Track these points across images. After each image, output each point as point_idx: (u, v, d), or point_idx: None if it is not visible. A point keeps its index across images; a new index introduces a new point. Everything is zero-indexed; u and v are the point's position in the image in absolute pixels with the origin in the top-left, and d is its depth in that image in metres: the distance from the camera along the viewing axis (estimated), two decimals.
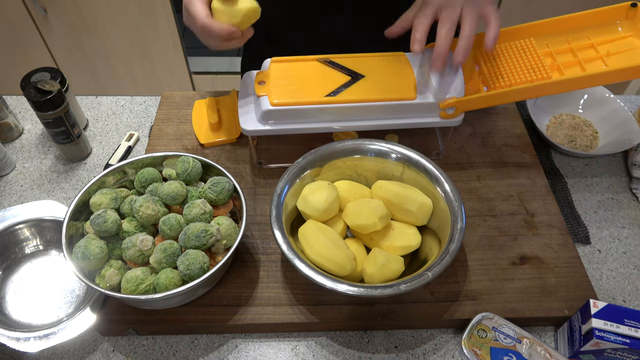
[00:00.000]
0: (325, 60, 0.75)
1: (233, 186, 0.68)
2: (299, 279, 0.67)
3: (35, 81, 0.78)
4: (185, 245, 0.61)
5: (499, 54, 0.74)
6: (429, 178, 0.68)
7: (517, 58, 0.73)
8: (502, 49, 0.75)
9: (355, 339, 0.65)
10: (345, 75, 0.73)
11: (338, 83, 0.72)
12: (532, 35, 0.75)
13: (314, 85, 0.72)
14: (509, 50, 0.75)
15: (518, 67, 0.72)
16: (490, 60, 0.75)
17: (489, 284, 0.67)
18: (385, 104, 0.71)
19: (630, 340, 0.56)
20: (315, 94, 0.70)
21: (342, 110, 0.71)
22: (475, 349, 0.59)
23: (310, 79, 0.73)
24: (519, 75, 0.71)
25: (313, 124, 0.72)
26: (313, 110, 0.70)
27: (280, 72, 0.73)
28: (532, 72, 0.71)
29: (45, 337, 0.61)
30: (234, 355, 0.64)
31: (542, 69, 0.71)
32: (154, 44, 1.78)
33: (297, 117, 0.71)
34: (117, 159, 0.85)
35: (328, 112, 0.71)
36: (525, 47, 0.74)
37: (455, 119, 0.72)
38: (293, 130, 0.72)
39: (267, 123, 0.71)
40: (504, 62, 0.74)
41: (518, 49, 0.74)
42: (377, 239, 0.66)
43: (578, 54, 0.73)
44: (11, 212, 0.72)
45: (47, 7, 1.67)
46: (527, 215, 0.75)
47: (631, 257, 0.73)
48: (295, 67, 0.74)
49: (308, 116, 0.71)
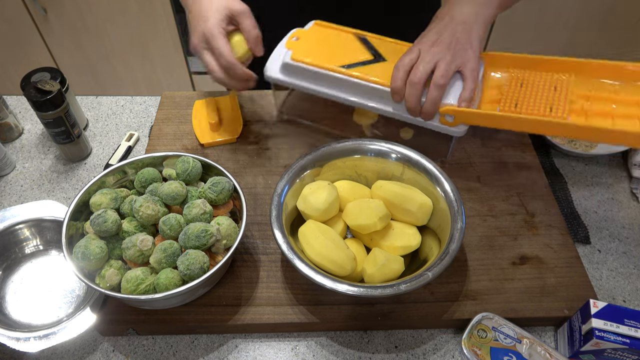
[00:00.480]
0: (361, 37, 0.78)
1: (233, 186, 0.68)
2: (299, 279, 0.67)
3: (35, 81, 0.78)
4: (185, 245, 0.61)
5: (530, 81, 0.71)
6: (429, 178, 0.68)
7: (544, 90, 0.70)
8: (534, 77, 0.72)
9: (355, 339, 0.65)
10: (370, 54, 0.75)
11: (358, 59, 0.74)
12: (575, 72, 0.70)
13: (336, 54, 0.75)
14: (541, 80, 0.71)
15: (538, 99, 0.68)
16: (517, 84, 0.72)
17: (489, 284, 0.67)
18: (389, 91, 0.71)
19: (630, 340, 0.56)
20: (333, 62, 0.74)
21: (348, 83, 0.73)
22: (475, 349, 0.59)
23: (337, 47, 0.77)
24: (534, 106, 0.68)
25: (321, 88, 0.75)
26: (323, 75, 0.74)
27: (314, 34, 0.79)
28: (549, 108, 0.67)
29: (45, 337, 0.61)
30: (234, 355, 0.64)
31: (562, 108, 0.66)
32: (154, 44, 1.78)
33: (309, 77, 0.75)
34: (117, 159, 0.85)
35: (335, 82, 0.74)
36: (560, 82, 0.70)
37: (454, 128, 0.70)
38: (303, 88, 0.76)
39: (284, 75, 0.77)
40: (529, 89, 0.70)
41: (550, 82, 0.70)
42: (377, 239, 0.66)
43: (618, 105, 0.67)
44: (11, 212, 0.72)
45: (47, 7, 1.67)
46: (527, 215, 0.75)
47: (631, 257, 0.73)
48: (330, 34, 0.79)
49: (318, 79, 0.75)
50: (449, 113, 0.69)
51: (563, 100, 0.68)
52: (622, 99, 0.67)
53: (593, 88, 0.69)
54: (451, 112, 0.68)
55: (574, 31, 1.75)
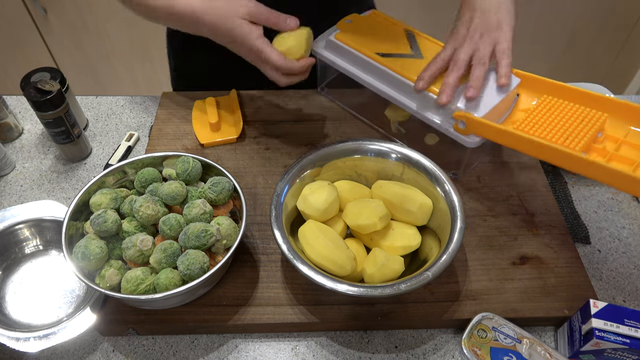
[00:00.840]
0: (409, 32, 0.81)
1: (233, 186, 0.68)
2: (299, 279, 0.67)
3: (35, 81, 0.78)
4: (185, 245, 0.61)
5: (560, 110, 0.69)
6: (429, 178, 0.68)
7: (570, 121, 0.66)
8: (565, 107, 0.69)
9: (355, 339, 0.65)
10: (409, 49, 0.77)
11: (396, 50, 0.77)
12: (610, 112, 0.67)
13: (378, 42, 0.78)
14: (571, 111, 0.68)
15: (559, 128, 0.65)
16: (546, 111, 0.69)
17: (489, 284, 0.67)
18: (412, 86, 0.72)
19: (630, 340, 0.56)
20: (370, 49, 0.77)
21: (377, 70, 0.76)
22: (475, 349, 0.59)
23: (381, 36, 0.79)
24: (551, 133, 0.65)
25: (353, 69, 0.79)
26: (357, 58, 0.77)
27: (367, 21, 0.82)
28: (566, 138, 0.64)
29: (45, 337, 0.61)
30: (234, 355, 0.64)
31: (580, 141, 0.63)
32: (154, 44, 1.78)
33: (345, 57, 0.79)
34: (117, 159, 0.85)
35: (367, 67, 0.77)
36: (590, 117, 0.67)
37: (466, 137, 0.69)
38: (338, 66, 0.80)
39: (326, 51, 0.81)
40: (555, 117, 0.67)
41: (581, 115, 0.67)
42: (377, 239, 0.66)
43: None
44: (11, 212, 0.72)
45: (47, 7, 1.67)
46: (527, 215, 0.75)
47: (631, 257, 0.73)
48: (381, 23, 0.82)
49: (352, 61, 0.79)
50: (461, 119, 0.68)
51: (584, 134, 0.64)
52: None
53: (629, 134, 0.65)
54: (463, 118, 0.68)
55: (574, 31, 1.75)
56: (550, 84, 0.72)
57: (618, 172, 0.58)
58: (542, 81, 0.72)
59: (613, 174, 0.59)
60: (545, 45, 1.80)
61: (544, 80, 0.72)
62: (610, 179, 0.59)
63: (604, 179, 0.60)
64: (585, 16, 1.70)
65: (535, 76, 0.73)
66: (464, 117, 0.68)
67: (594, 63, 1.87)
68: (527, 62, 1.86)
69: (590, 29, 1.74)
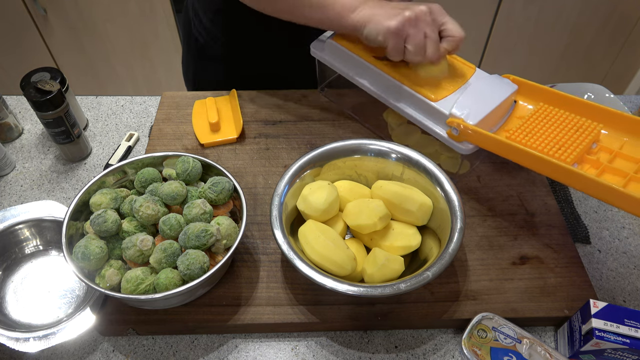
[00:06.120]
0: None
1: (233, 186, 0.68)
2: (299, 279, 0.67)
3: (35, 81, 0.78)
4: (185, 245, 0.61)
5: (555, 119, 0.68)
6: (429, 178, 0.68)
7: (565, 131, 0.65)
8: (561, 116, 0.68)
9: (355, 339, 0.65)
10: None
11: None
12: (605, 122, 0.66)
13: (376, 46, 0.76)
14: (566, 120, 0.67)
15: (552, 138, 0.65)
16: (542, 119, 0.68)
17: (489, 284, 0.67)
18: (408, 91, 0.72)
19: (630, 340, 0.56)
20: (367, 51, 0.77)
21: (373, 73, 0.76)
22: (475, 349, 0.59)
23: None
24: (544, 144, 0.64)
25: (351, 70, 0.79)
26: (354, 59, 0.77)
27: None
28: (558, 149, 0.63)
29: (45, 337, 0.61)
30: (234, 355, 0.64)
31: (571, 153, 0.62)
32: (154, 44, 1.78)
33: (341, 58, 0.80)
34: (117, 159, 0.85)
35: (363, 69, 0.77)
36: (585, 128, 0.65)
37: (459, 144, 0.69)
38: (334, 66, 0.81)
39: (324, 52, 0.82)
40: (550, 126, 0.67)
41: (576, 125, 0.66)
42: (377, 239, 0.66)
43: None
44: (11, 212, 0.72)
45: (47, 7, 1.67)
46: (527, 215, 0.75)
47: (631, 257, 0.73)
48: None
49: (350, 62, 0.79)
50: (455, 125, 0.67)
51: (577, 145, 0.63)
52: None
53: (624, 146, 0.64)
54: (457, 125, 0.67)
55: (574, 31, 1.75)
56: (548, 91, 0.71)
57: (608, 186, 0.57)
58: (540, 89, 0.72)
59: (603, 189, 0.57)
60: (545, 45, 1.80)
61: (542, 88, 0.72)
62: (600, 194, 0.58)
63: (594, 193, 0.59)
64: (585, 16, 1.70)
65: (533, 83, 0.72)
66: (457, 123, 0.67)
67: (594, 63, 1.87)
68: (527, 62, 1.86)
69: (590, 29, 1.74)
